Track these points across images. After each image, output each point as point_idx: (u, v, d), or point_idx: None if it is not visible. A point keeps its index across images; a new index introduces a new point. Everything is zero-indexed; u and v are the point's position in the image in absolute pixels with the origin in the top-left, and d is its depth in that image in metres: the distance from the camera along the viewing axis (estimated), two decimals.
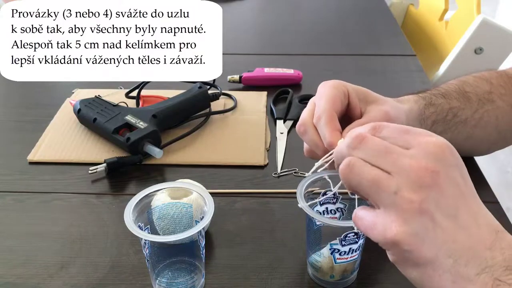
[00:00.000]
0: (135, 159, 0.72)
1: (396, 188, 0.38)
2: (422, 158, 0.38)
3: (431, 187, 0.37)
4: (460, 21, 1.21)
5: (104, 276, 0.55)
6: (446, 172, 0.38)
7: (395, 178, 0.38)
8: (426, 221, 0.37)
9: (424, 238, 0.37)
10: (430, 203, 0.37)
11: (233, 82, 0.94)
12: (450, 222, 0.37)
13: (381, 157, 0.39)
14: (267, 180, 0.70)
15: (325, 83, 0.55)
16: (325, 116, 0.51)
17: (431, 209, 0.37)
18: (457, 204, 0.38)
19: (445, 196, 0.38)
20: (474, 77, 0.66)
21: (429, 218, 0.37)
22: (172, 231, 0.55)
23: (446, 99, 0.62)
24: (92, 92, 0.86)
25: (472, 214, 0.38)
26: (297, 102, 0.87)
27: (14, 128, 0.84)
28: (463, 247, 0.37)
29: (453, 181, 0.38)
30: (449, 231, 0.37)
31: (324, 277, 0.54)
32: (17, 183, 0.70)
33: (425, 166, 0.38)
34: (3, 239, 0.61)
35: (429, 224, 0.37)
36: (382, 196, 0.38)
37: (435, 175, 0.37)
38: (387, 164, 0.39)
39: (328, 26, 1.24)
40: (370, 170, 0.39)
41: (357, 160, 0.40)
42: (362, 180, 0.39)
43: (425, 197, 0.37)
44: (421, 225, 0.37)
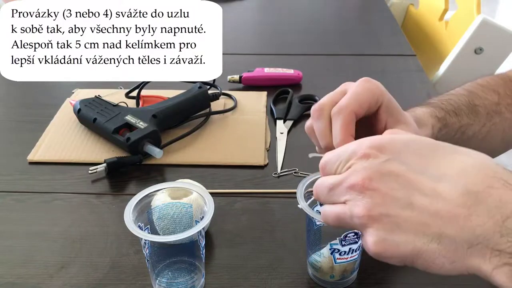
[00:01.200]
0: (135, 159, 0.72)
1: (349, 212, 0.39)
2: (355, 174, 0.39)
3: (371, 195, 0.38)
4: (460, 21, 1.21)
5: (104, 276, 0.55)
6: (378, 172, 0.38)
7: (347, 203, 0.39)
8: (385, 223, 0.37)
9: (394, 237, 0.37)
10: (378, 206, 0.37)
11: (233, 82, 0.94)
12: (409, 211, 0.37)
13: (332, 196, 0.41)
14: (267, 180, 0.70)
15: (367, 81, 0.53)
16: (344, 115, 0.49)
17: (383, 210, 0.37)
18: (406, 192, 0.37)
19: (389, 193, 0.37)
20: (481, 88, 0.65)
21: (386, 218, 0.37)
22: (172, 231, 0.55)
23: (458, 117, 0.61)
24: (92, 92, 0.86)
25: (429, 192, 0.37)
26: (297, 102, 0.87)
27: (14, 128, 0.84)
28: (438, 226, 0.36)
29: (391, 175, 0.38)
30: (414, 219, 0.36)
31: (324, 277, 0.54)
32: (17, 183, 0.70)
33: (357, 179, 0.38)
34: (3, 239, 0.61)
35: (389, 223, 0.37)
36: (349, 224, 0.40)
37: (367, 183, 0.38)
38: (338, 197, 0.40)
39: (328, 26, 1.24)
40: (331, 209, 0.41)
41: (324, 207, 0.42)
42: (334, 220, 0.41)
43: (370, 205, 0.38)
44: (384, 227, 0.37)
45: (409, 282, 0.55)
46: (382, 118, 0.52)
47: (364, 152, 0.39)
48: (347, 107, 0.50)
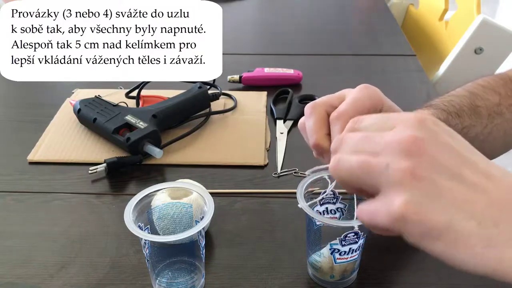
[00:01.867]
0: (135, 159, 0.72)
1: (385, 163, 0.36)
2: (404, 130, 0.37)
3: (421, 154, 0.35)
4: (460, 21, 1.21)
5: (104, 276, 0.55)
6: (433, 137, 0.36)
7: (383, 155, 0.36)
8: (426, 186, 0.35)
9: (431, 204, 0.34)
10: (424, 168, 0.35)
11: (233, 82, 0.94)
12: (456, 183, 0.35)
13: (363, 143, 0.38)
14: (267, 180, 0.70)
15: (367, 87, 0.51)
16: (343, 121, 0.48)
17: (428, 174, 0.35)
18: (457, 165, 0.35)
19: (439, 160, 0.35)
20: (483, 88, 0.65)
21: (428, 182, 0.35)
22: (172, 231, 0.55)
23: (460, 119, 0.60)
24: (92, 92, 0.86)
25: (481, 170, 0.35)
26: (297, 102, 0.87)
27: (14, 128, 0.84)
28: (483, 206, 0.34)
29: (444, 144, 0.36)
30: (458, 192, 0.34)
31: (324, 277, 0.54)
32: (17, 183, 0.70)
33: (409, 135, 0.36)
34: (3, 239, 0.61)
35: (430, 188, 0.35)
36: (375, 177, 0.37)
37: (420, 142, 0.35)
38: (371, 146, 0.38)
39: (328, 26, 1.24)
40: (356, 157, 0.38)
41: (342, 155, 0.39)
42: (352, 169, 0.38)
43: (417, 163, 0.35)
44: (423, 191, 0.35)
45: (409, 282, 0.55)
46: None
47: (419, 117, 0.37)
48: (346, 113, 0.49)
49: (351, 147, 0.39)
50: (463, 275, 0.54)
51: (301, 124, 0.54)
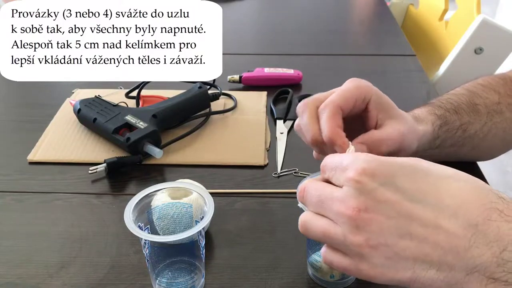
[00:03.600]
0: (135, 159, 0.72)
1: (342, 236, 0.39)
2: (348, 199, 0.39)
3: (368, 224, 0.38)
4: (460, 21, 1.21)
5: (104, 276, 0.55)
6: (375, 201, 0.38)
7: (338, 226, 0.40)
8: (383, 252, 0.38)
9: (394, 265, 0.38)
10: (376, 237, 0.38)
11: (233, 82, 0.94)
12: (407, 241, 0.38)
13: (320, 207, 0.42)
14: (267, 180, 0.70)
15: (354, 80, 0.54)
16: (329, 108, 0.51)
17: (381, 241, 0.38)
18: (404, 221, 0.38)
19: (387, 222, 0.38)
20: (482, 87, 0.65)
21: (384, 248, 0.38)
22: (172, 231, 0.55)
23: (458, 115, 0.61)
24: (92, 92, 0.86)
25: (428, 222, 0.37)
26: (297, 102, 0.86)
27: (14, 128, 0.84)
28: (437, 255, 0.37)
29: (386, 202, 0.38)
30: (412, 248, 0.37)
31: (324, 277, 0.54)
32: (17, 183, 0.70)
33: (352, 206, 0.39)
34: (3, 239, 0.61)
35: (387, 252, 0.38)
36: (337, 244, 0.41)
37: (364, 213, 0.38)
38: (327, 213, 0.41)
39: (328, 26, 1.24)
40: (318, 224, 0.42)
41: (305, 217, 0.43)
42: (316, 234, 0.42)
43: (368, 235, 0.38)
44: (382, 255, 0.38)
45: None
46: (372, 115, 0.53)
47: (356, 179, 0.39)
48: (333, 101, 0.51)
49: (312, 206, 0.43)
50: None
51: (296, 125, 0.55)
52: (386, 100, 0.54)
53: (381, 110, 0.53)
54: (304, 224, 0.43)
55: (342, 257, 0.41)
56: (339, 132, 0.50)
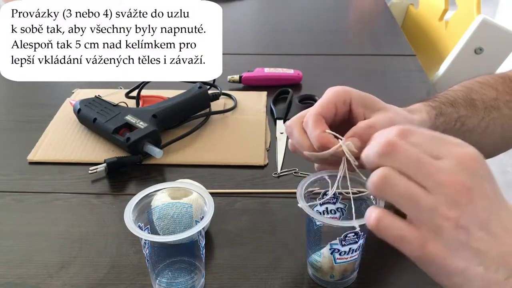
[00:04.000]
0: (135, 159, 0.72)
1: (433, 205, 0.38)
2: (456, 173, 0.38)
3: (467, 204, 0.38)
4: (460, 21, 1.21)
5: (104, 276, 0.55)
6: (479, 186, 0.39)
7: (433, 195, 0.38)
8: (461, 236, 0.38)
9: (459, 251, 0.38)
10: (466, 218, 0.38)
11: (233, 82, 0.94)
12: (483, 233, 0.38)
13: (415, 169, 0.39)
14: (267, 180, 0.70)
15: (330, 88, 0.55)
16: (311, 119, 0.52)
17: (467, 224, 0.38)
18: (489, 216, 0.39)
19: (479, 210, 0.38)
20: (480, 84, 0.65)
21: (464, 232, 0.38)
22: (172, 231, 0.55)
23: (455, 108, 0.61)
24: (92, 92, 0.86)
25: (503, 224, 0.39)
26: (297, 102, 0.87)
27: (14, 128, 0.84)
28: (495, 255, 0.38)
29: (485, 194, 0.39)
30: (482, 242, 0.38)
31: (324, 277, 0.54)
32: (17, 183, 0.70)
33: (460, 182, 0.38)
34: (3, 239, 0.61)
35: (464, 237, 0.38)
36: (419, 212, 0.39)
37: (470, 192, 0.38)
38: (423, 178, 0.39)
39: (328, 26, 1.24)
40: (406, 185, 0.39)
41: (390, 172, 0.39)
42: (399, 195, 0.39)
43: (461, 214, 0.38)
44: (457, 239, 0.38)
45: (409, 282, 0.55)
46: (358, 113, 0.54)
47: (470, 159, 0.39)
48: (310, 113, 0.52)
49: (401, 166, 0.39)
50: None
51: (291, 146, 0.56)
52: (368, 96, 0.55)
53: (365, 106, 0.54)
54: (386, 179, 0.39)
55: (407, 225, 0.39)
56: (326, 135, 0.50)
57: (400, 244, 0.40)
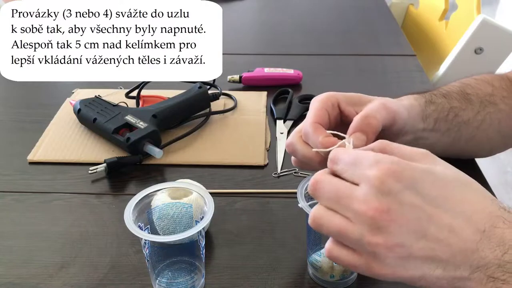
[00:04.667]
0: (135, 159, 0.72)
1: (359, 235, 0.40)
2: (370, 199, 0.39)
3: (389, 225, 0.39)
4: (460, 21, 1.21)
5: (104, 276, 0.56)
6: (397, 204, 0.39)
7: (355, 225, 0.40)
8: (399, 252, 0.39)
9: (405, 265, 0.40)
10: (394, 238, 0.39)
11: (233, 82, 0.94)
12: (422, 243, 0.39)
13: (335, 203, 0.41)
14: (267, 180, 0.70)
15: (314, 98, 0.55)
16: (310, 129, 0.52)
17: (399, 242, 0.39)
18: (422, 225, 0.39)
19: (406, 225, 0.39)
20: (475, 80, 0.66)
21: (400, 248, 0.39)
22: (172, 231, 0.55)
23: (447, 99, 0.62)
24: (92, 92, 0.86)
25: (444, 226, 0.39)
26: (297, 102, 0.87)
27: (14, 128, 0.84)
28: (447, 257, 0.39)
29: (409, 205, 0.39)
30: (426, 250, 0.39)
31: (324, 277, 0.54)
32: (17, 183, 0.70)
33: (375, 207, 0.39)
34: (3, 239, 0.61)
35: (403, 252, 0.39)
36: (351, 243, 0.41)
37: (387, 214, 0.39)
38: (344, 210, 0.41)
39: (328, 26, 1.24)
40: (332, 220, 0.41)
41: (318, 213, 0.42)
42: (330, 230, 0.42)
43: (387, 236, 0.39)
44: (397, 257, 0.39)
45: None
46: (349, 112, 0.55)
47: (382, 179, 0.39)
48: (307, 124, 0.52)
49: (326, 201, 0.42)
50: None
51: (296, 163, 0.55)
52: (353, 95, 0.56)
53: (353, 104, 0.55)
54: (317, 219, 0.42)
55: (351, 254, 0.41)
56: (329, 138, 0.50)
57: (353, 269, 0.44)
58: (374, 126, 0.51)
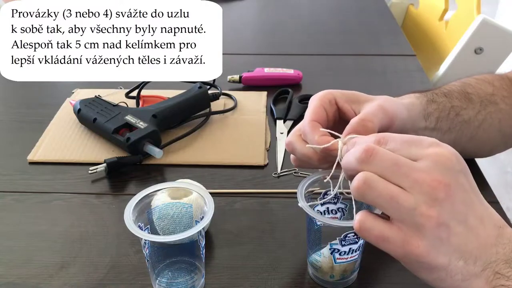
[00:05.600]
0: (135, 159, 0.72)
1: (414, 204, 0.39)
2: (432, 171, 0.40)
3: (445, 200, 0.39)
4: (460, 21, 1.21)
5: (104, 276, 0.56)
6: (456, 182, 0.40)
7: (412, 194, 0.39)
8: (442, 233, 0.39)
9: (440, 248, 0.39)
10: (445, 215, 0.39)
11: (233, 82, 0.94)
12: (461, 228, 0.40)
13: (393, 171, 0.40)
14: (267, 180, 0.70)
15: (312, 97, 0.55)
16: (307, 127, 0.52)
17: (447, 221, 0.39)
18: (466, 210, 0.40)
19: (456, 205, 0.40)
20: (476, 79, 0.66)
21: (445, 229, 0.39)
22: (172, 231, 0.55)
23: (448, 98, 0.62)
24: (92, 92, 0.86)
25: (479, 216, 0.41)
26: (297, 102, 0.87)
27: (14, 128, 0.84)
28: (473, 248, 0.40)
29: (462, 188, 0.40)
30: (461, 236, 0.40)
31: (324, 277, 0.54)
32: (17, 183, 0.70)
33: (438, 179, 0.39)
34: (3, 239, 0.61)
35: (444, 234, 0.39)
36: (400, 212, 0.40)
37: (447, 188, 0.39)
38: (401, 179, 0.40)
39: (328, 26, 1.24)
40: (386, 186, 0.40)
41: (371, 176, 0.41)
42: (380, 196, 0.40)
43: (441, 211, 0.39)
44: (438, 237, 0.39)
45: (409, 282, 0.55)
46: (347, 109, 0.55)
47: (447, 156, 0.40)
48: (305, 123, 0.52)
49: (380, 169, 0.41)
50: None
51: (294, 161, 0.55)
52: (350, 92, 0.56)
53: (350, 101, 0.55)
54: (366, 182, 0.40)
55: (388, 226, 0.40)
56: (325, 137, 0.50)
57: (383, 244, 0.41)
58: (370, 129, 0.51)
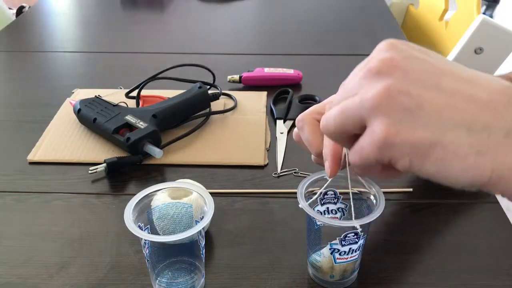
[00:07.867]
0: (135, 159, 0.72)
1: (359, 97, 0.34)
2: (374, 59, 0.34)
3: (392, 71, 0.33)
4: (460, 21, 1.21)
5: (104, 276, 0.55)
6: (404, 54, 0.34)
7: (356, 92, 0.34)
8: (403, 102, 0.32)
9: (411, 119, 0.32)
10: (398, 83, 0.32)
11: (233, 82, 0.94)
12: (436, 92, 0.32)
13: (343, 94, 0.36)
14: (267, 180, 0.70)
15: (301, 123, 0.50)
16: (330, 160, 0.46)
17: (403, 88, 0.32)
18: (435, 76, 0.33)
19: (413, 73, 0.33)
20: None
21: (404, 97, 0.32)
22: (172, 231, 0.55)
23: None
24: (92, 92, 0.86)
25: (463, 79, 0.32)
26: (297, 102, 0.87)
27: (14, 128, 0.84)
28: (470, 111, 0.31)
29: (417, 58, 0.33)
30: (439, 101, 0.32)
31: (324, 277, 0.54)
32: (17, 183, 0.70)
33: (377, 59, 0.34)
34: (3, 239, 0.61)
35: (407, 102, 0.32)
36: (356, 116, 0.34)
37: (389, 61, 0.33)
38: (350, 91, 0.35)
39: (328, 26, 1.24)
40: (334, 107, 0.36)
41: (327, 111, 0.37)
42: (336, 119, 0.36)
43: (389, 81, 0.32)
44: (401, 109, 0.32)
45: (409, 282, 0.55)
46: None
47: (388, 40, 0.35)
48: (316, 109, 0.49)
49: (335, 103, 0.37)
50: (463, 276, 0.55)
51: (296, 136, 0.52)
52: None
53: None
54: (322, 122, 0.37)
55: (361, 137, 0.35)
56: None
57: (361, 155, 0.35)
58: None
